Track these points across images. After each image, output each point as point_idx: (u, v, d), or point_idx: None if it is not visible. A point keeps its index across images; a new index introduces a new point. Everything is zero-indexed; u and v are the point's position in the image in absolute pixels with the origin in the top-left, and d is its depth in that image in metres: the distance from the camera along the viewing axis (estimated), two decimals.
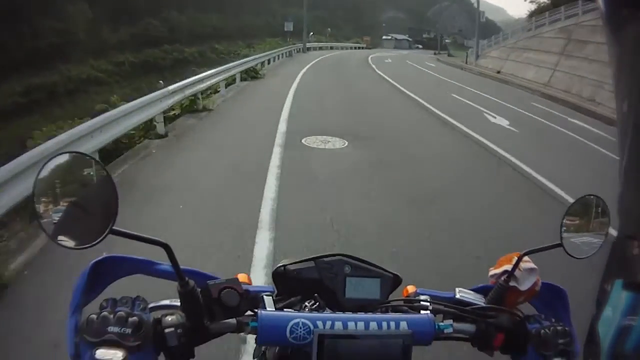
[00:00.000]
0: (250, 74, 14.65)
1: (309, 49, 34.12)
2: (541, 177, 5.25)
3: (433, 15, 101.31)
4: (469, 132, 7.83)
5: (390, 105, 10.98)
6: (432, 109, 10.20)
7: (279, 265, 0.76)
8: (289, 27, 35.62)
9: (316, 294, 0.72)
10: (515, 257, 0.72)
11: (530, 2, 29.87)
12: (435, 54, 47.32)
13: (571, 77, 16.53)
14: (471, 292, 0.77)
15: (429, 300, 0.73)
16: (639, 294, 0.65)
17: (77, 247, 0.54)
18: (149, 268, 0.67)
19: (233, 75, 12.63)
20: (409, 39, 76.60)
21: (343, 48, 46.73)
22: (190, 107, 8.57)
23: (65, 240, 0.54)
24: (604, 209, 0.72)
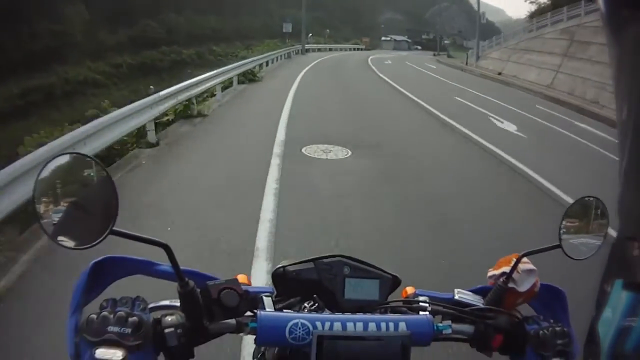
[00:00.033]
0: (248, 76, 14.28)
1: (307, 50, 33.84)
2: (562, 193, 4.74)
3: (431, 17, 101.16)
4: (478, 139, 7.47)
5: (394, 110, 10.58)
6: (437, 113, 9.86)
7: (278, 267, 0.76)
8: (287, 28, 35.33)
9: (315, 295, 0.72)
10: (514, 259, 0.72)
11: (531, 2, 29.80)
12: (434, 55, 47.08)
13: (574, 79, 16.44)
14: (470, 293, 0.76)
15: (427, 301, 0.73)
16: (639, 294, 0.64)
17: (77, 247, 0.54)
18: (149, 268, 0.68)
19: (230, 78, 12.25)
20: (408, 40, 76.42)
21: (342, 49, 46.46)
22: (184, 112, 8.20)
23: (65, 241, 0.54)
24: (602, 210, 0.72)
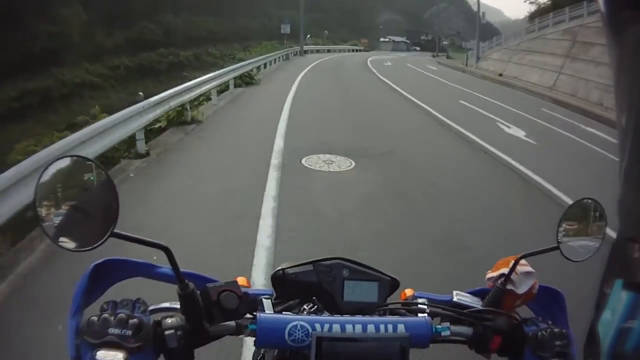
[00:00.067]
0: (245, 79, 13.88)
1: (306, 52, 33.49)
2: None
3: (430, 17, 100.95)
4: (489, 147, 7.09)
5: (397, 115, 10.15)
6: (443, 118, 9.47)
7: (277, 269, 0.76)
8: (285, 29, 34.92)
9: (314, 297, 0.72)
10: (513, 261, 0.72)
11: (530, 3, 29.57)
12: (433, 56, 46.78)
13: (577, 81, 16.27)
14: (468, 295, 0.77)
15: (426, 303, 0.73)
16: (639, 295, 0.63)
17: (78, 249, 0.55)
18: (149, 271, 0.68)
19: (226, 81, 11.85)
20: (407, 41, 76.15)
21: (340, 51, 46.07)
22: (177, 118, 7.80)
23: (66, 243, 0.55)
24: (601, 212, 0.73)
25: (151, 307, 0.62)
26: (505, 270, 0.72)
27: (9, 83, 29.86)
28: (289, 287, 0.74)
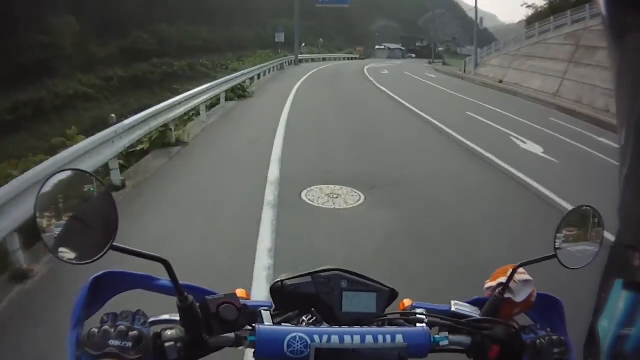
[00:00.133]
0: (238, 92, 13.13)
1: (301, 61, 32.89)
2: None
3: (425, 24, 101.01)
4: (511, 169, 6.27)
5: (404, 133, 9.08)
6: (453, 134, 8.64)
7: (276, 281, 0.74)
8: (280, 38, 34.37)
9: (313, 309, 0.72)
10: (510, 269, 0.72)
11: (527, 7, 29.31)
12: (430, 63, 46.43)
13: (582, 86, 15.86)
14: (467, 304, 0.76)
15: (424, 313, 0.73)
16: (639, 295, 0.63)
17: (78, 262, 0.55)
18: (148, 283, 0.68)
19: (217, 94, 11.09)
20: (402, 48, 75.88)
21: (336, 59, 45.52)
22: (160, 140, 7.03)
23: (66, 254, 0.55)
24: (598, 220, 0.73)
25: (151, 319, 0.63)
26: (503, 279, 0.73)
27: (2, 95, 29.54)
28: (287, 299, 0.73)
